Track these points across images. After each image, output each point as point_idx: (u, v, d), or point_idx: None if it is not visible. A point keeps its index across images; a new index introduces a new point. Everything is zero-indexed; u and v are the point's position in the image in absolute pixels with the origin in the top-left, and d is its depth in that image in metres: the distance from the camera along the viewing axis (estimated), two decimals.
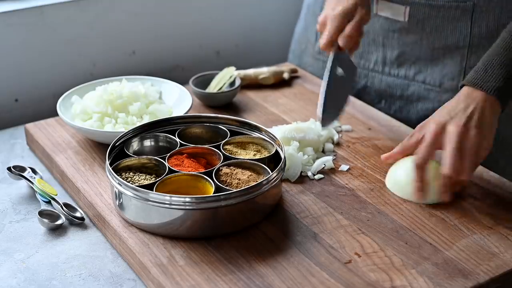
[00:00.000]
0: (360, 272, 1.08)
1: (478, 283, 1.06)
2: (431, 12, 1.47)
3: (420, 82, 1.55)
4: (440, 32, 1.49)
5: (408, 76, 1.56)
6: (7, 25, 1.60)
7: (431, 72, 1.53)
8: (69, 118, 1.40)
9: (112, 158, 1.24)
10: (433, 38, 1.50)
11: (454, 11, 1.46)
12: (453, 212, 1.21)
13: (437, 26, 1.48)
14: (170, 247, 1.13)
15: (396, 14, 1.51)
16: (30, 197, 1.31)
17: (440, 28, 1.48)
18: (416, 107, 1.56)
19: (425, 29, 1.50)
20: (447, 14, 1.47)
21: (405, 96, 1.57)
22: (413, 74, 1.55)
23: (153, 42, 1.81)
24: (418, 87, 1.55)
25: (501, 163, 1.52)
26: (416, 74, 1.55)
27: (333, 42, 1.36)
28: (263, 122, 1.49)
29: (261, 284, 1.06)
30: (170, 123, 1.34)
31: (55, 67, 1.69)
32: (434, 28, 1.49)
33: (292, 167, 1.30)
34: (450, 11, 1.46)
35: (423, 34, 1.50)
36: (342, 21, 1.36)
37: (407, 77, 1.56)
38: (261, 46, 1.98)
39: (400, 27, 1.52)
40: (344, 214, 1.21)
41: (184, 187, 1.18)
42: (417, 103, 1.56)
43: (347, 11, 1.36)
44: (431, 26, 1.49)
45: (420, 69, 1.54)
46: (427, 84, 1.54)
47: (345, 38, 1.35)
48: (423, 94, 1.55)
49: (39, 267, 1.14)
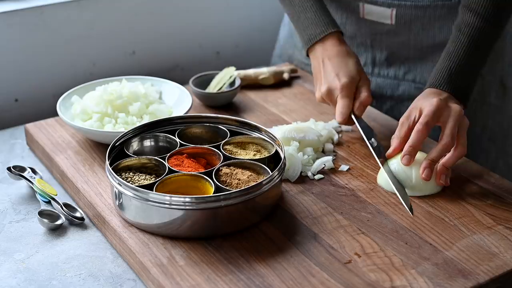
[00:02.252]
0: (360, 272, 1.08)
1: (478, 283, 1.06)
2: (418, 13, 1.48)
3: (410, 81, 1.56)
4: (428, 31, 1.49)
5: (398, 76, 1.57)
6: (7, 25, 1.60)
7: (420, 71, 1.54)
8: (69, 118, 1.40)
9: (112, 158, 1.24)
10: (421, 37, 1.50)
11: (440, 10, 1.46)
12: (453, 212, 1.21)
13: (424, 26, 1.49)
14: (170, 247, 1.13)
15: (382, 17, 1.51)
16: (30, 197, 1.31)
17: (427, 27, 1.49)
18: (407, 106, 1.56)
19: (413, 29, 1.50)
20: (433, 13, 1.47)
21: (395, 96, 1.58)
22: (403, 74, 1.56)
23: (153, 42, 1.81)
24: (408, 86, 1.56)
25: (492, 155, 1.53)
26: (405, 74, 1.56)
27: (350, 115, 1.37)
28: (263, 122, 1.49)
29: (261, 284, 1.06)
30: (170, 123, 1.34)
31: (55, 67, 1.69)
32: (421, 28, 1.49)
33: (292, 167, 1.30)
34: (436, 10, 1.46)
35: (411, 34, 1.51)
36: (350, 92, 1.37)
37: (397, 77, 1.57)
38: (261, 46, 1.98)
39: (387, 30, 1.52)
40: (344, 214, 1.21)
41: (184, 187, 1.18)
42: (407, 102, 1.56)
43: (353, 81, 1.37)
44: (418, 27, 1.49)
45: (409, 68, 1.55)
46: (417, 83, 1.55)
47: (362, 107, 1.37)
48: (413, 93, 1.55)
49: (39, 267, 1.14)
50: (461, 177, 1.31)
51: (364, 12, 1.52)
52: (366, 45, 1.57)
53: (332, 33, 1.42)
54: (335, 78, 1.37)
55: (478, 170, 1.33)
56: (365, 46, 1.57)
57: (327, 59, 1.40)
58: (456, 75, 1.30)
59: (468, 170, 1.33)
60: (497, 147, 1.55)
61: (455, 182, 1.29)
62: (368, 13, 1.52)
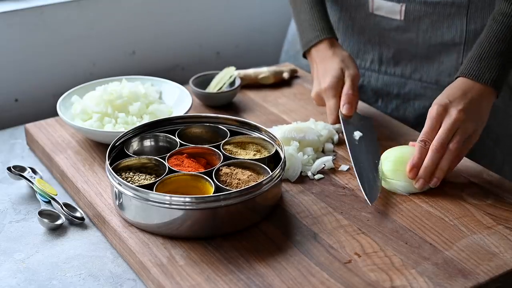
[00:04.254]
0: (360, 272, 1.08)
1: (478, 283, 1.06)
2: (427, 9, 1.47)
3: (417, 79, 1.55)
4: (436, 29, 1.49)
5: (405, 74, 1.56)
6: (7, 25, 1.60)
7: (427, 69, 1.53)
8: (69, 118, 1.40)
9: (112, 158, 1.24)
10: (429, 35, 1.50)
11: (449, 8, 1.46)
12: (453, 212, 1.21)
13: (433, 24, 1.49)
14: (170, 247, 1.13)
15: (391, 13, 1.51)
16: (30, 197, 1.31)
17: (436, 25, 1.48)
18: (413, 105, 1.56)
19: (421, 27, 1.50)
20: (442, 11, 1.47)
21: (402, 94, 1.57)
22: (410, 72, 1.55)
23: (153, 42, 1.81)
24: (415, 85, 1.55)
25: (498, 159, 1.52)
26: (412, 72, 1.55)
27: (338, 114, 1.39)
28: (263, 122, 1.49)
29: (261, 284, 1.06)
30: (170, 123, 1.34)
31: (55, 67, 1.69)
32: (430, 26, 1.49)
33: (292, 167, 1.30)
34: (446, 8, 1.46)
35: (419, 32, 1.50)
36: (335, 92, 1.41)
37: (404, 75, 1.56)
38: (261, 46, 1.98)
39: (396, 26, 1.52)
40: (344, 214, 1.21)
41: (184, 187, 1.18)
42: (414, 101, 1.56)
43: (335, 80, 1.41)
44: (427, 24, 1.49)
45: (416, 66, 1.54)
46: (423, 82, 1.54)
47: (347, 106, 1.39)
48: (420, 92, 1.55)
49: (39, 267, 1.14)
50: (461, 177, 1.31)
51: (373, 6, 1.52)
52: (374, 42, 1.57)
53: (326, 38, 1.46)
54: (320, 82, 1.43)
55: (478, 170, 1.33)
56: (372, 43, 1.57)
57: (316, 63, 1.47)
58: (487, 62, 1.29)
59: (468, 170, 1.33)
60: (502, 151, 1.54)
61: (455, 182, 1.29)
62: (377, 8, 1.51)
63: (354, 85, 1.41)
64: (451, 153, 1.24)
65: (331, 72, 1.42)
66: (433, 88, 1.53)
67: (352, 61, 1.45)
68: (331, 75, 1.42)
